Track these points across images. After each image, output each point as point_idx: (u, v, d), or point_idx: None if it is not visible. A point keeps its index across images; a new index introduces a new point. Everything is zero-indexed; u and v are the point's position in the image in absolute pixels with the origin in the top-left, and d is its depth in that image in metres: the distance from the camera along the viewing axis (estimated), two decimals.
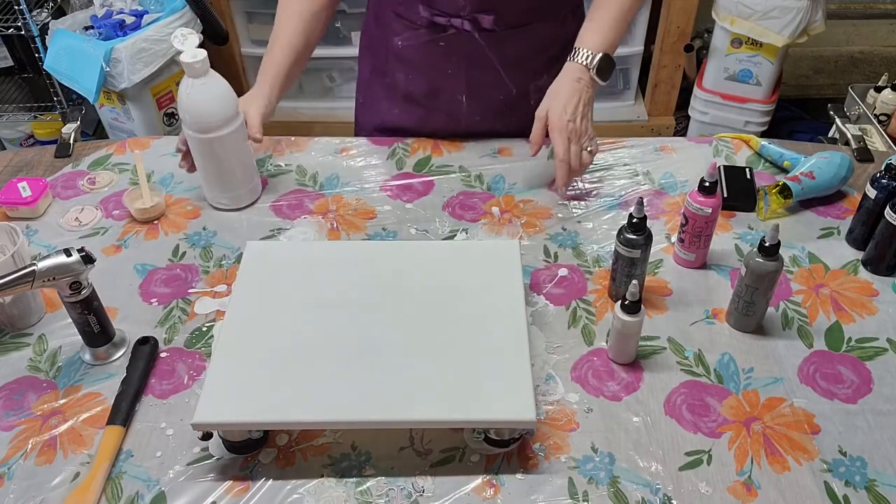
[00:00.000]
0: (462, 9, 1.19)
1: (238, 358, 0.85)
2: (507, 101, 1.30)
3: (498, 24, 1.20)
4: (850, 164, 1.19)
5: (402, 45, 1.27)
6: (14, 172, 1.29)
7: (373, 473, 0.82)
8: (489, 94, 1.29)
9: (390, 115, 1.36)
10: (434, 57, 1.26)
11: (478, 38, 1.21)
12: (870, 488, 0.81)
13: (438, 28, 1.22)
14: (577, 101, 1.13)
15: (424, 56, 1.26)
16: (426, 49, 1.25)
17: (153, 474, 0.82)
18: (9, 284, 0.84)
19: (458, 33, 1.21)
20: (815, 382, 0.92)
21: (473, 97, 1.29)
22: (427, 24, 1.22)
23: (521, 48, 1.24)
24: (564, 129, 1.12)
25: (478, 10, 1.19)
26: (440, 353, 0.85)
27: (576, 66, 1.14)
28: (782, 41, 2.38)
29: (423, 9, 1.20)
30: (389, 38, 1.29)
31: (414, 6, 1.21)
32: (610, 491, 0.80)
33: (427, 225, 1.16)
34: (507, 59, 1.25)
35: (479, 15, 1.19)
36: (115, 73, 2.23)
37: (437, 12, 1.20)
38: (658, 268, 1.08)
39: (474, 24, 1.20)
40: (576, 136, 1.13)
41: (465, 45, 1.22)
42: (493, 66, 1.25)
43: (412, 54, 1.27)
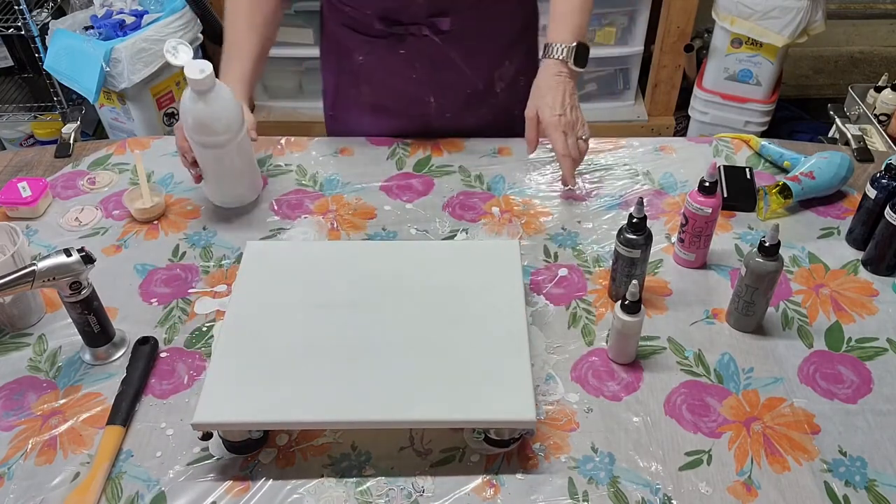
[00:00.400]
0: (417, 16, 1.19)
1: (238, 358, 0.85)
2: (474, 94, 1.31)
3: (455, 23, 1.21)
4: (850, 164, 1.19)
5: (363, 60, 1.27)
6: (14, 172, 1.29)
7: (373, 473, 0.82)
8: (456, 91, 1.30)
9: (360, 125, 1.36)
10: (396, 65, 1.26)
11: (437, 41, 1.22)
12: (870, 488, 0.81)
13: (397, 37, 1.22)
14: (562, 94, 1.14)
15: (387, 66, 1.26)
16: (387, 59, 1.25)
17: (153, 474, 0.82)
18: (9, 284, 0.84)
19: (417, 38, 1.21)
20: (815, 382, 0.92)
21: (441, 97, 1.30)
22: (384, 35, 1.22)
23: (480, 42, 1.25)
24: (558, 124, 1.13)
25: (434, 15, 1.19)
26: (440, 353, 0.85)
27: (552, 61, 1.16)
28: (782, 41, 2.38)
29: (378, 22, 1.20)
30: (347, 52, 1.28)
31: (368, 20, 1.21)
32: (610, 491, 0.80)
33: (427, 225, 1.16)
34: (468, 54, 1.25)
35: (436, 19, 1.20)
36: (115, 73, 2.23)
37: (393, 23, 1.20)
38: (658, 268, 1.08)
39: (432, 28, 1.20)
40: (570, 128, 1.14)
41: (425, 49, 1.23)
42: (456, 63, 1.26)
43: (374, 66, 1.27)
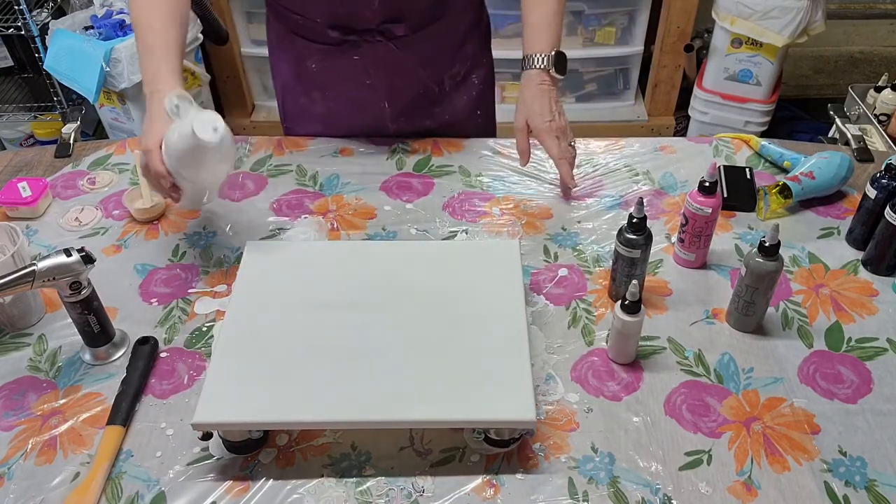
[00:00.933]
0: (370, 22, 1.19)
1: (238, 358, 0.85)
2: (427, 97, 1.31)
3: (409, 28, 1.21)
4: (850, 164, 1.19)
5: (315, 68, 1.26)
6: (14, 172, 1.29)
7: (373, 473, 0.82)
8: (410, 94, 1.30)
9: (315, 130, 1.35)
10: (350, 71, 1.25)
11: (392, 46, 1.22)
12: (870, 488, 0.80)
13: (350, 44, 1.21)
14: (548, 101, 1.16)
15: (340, 73, 1.26)
16: (341, 66, 1.24)
17: (153, 474, 0.82)
18: (9, 284, 0.84)
19: (371, 45, 1.21)
20: (815, 382, 0.92)
21: (395, 101, 1.30)
22: (337, 42, 1.22)
23: (434, 45, 1.25)
24: (550, 129, 1.15)
25: (387, 21, 1.19)
26: (440, 353, 0.85)
27: (534, 71, 1.17)
28: (782, 41, 2.38)
29: (331, 31, 1.20)
30: (299, 60, 1.27)
31: (319, 29, 1.20)
32: (610, 491, 0.80)
33: (427, 225, 1.16)
34: (423, 58, 1.26)
35: (390, 25, 1.19)
36: (115, 73, 2.23)
37: (346, 31, 1.20)
38: (658, 268, 1.08)
39: (386, 35, 1.20)
40: (562, 133, 1.17)
41: (380, 55, 1.23)
42: (411, 68, 1.26)
43: (327, 73, 1.26)
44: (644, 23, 2.62)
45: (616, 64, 2.78)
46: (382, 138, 1.34)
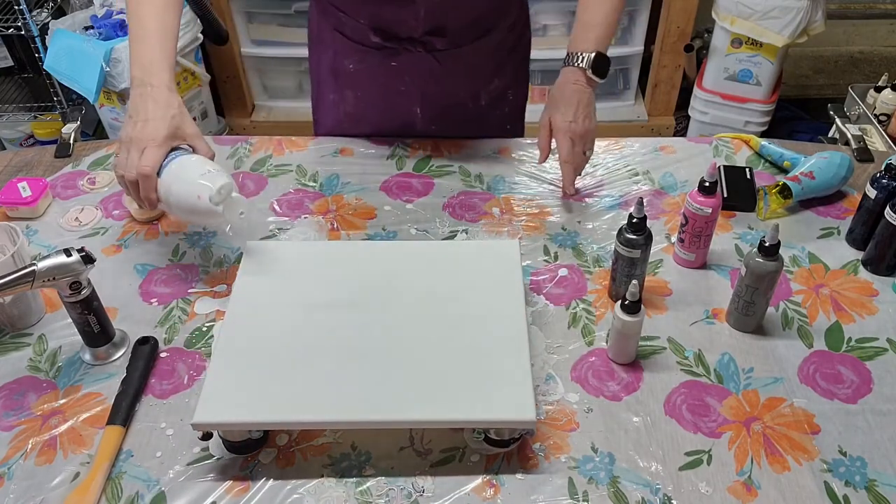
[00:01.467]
0: (413, 31, 1.18)
1: (238, 358, 0.85)
2: (461, 108, 1.30)
3: (450, 43, 1.20)
4: (850, 164, 1.19)
5: (353, 69, 1.25)
6: (14, 172, 1.29)
7: (373, 473, 0.82)
8: (443, 103, 1.29)
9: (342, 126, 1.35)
10: (386, 77, 1.25)
11: (432, 57, 1.22)
12: (870, 488, 0.80)
13: (390, 50, 1.21)
14: (576, 103, 1.14)
15: (376, 77, 1.25)
16: (378, 70, 1.24)
17: (153, 474, 0.82)
18: (9, 284, 0.84)
19: (411, 53, 1.21)
20: (815, 382, 0.92)
21: (428, 108, 1.30)
22: (378, 47, 1.21)
23: (473, 60, 1.25)
24: (567, 130, 1.13)
25: (430, 32, 1.19)
26: (440, 353, 0.85)
27: (571, 69, 1.15)
28: (782, 41, 2.38)
29: (373, 35, 1.19)
30: (337, 57, 1.26)
31: (363, 31, 1.20)
32: (610, 491, 0.80)
33: (427, 225, 1.16)
34: (461, 71, 1.25)
35: (431, 37, 1.19)
36: (115, 73, 2.23)
37: (388, 36, 1.19)
38: (658, 268, 1.08)
39: (427, 46, 1.20)
40: (578, 137, 1.14)
41: (418, 64, 1.22)
42: (447, 80, 1.25)
43: (363, 75, 1.26)
44: (644, 23, 2.62)
45: (616, 64, 2.77)
46: (387, 138, 1.33)
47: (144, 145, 0.93)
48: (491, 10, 1.22)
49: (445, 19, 1.18)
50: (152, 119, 0.94)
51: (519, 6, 1.27)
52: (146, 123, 0.94)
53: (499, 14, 1.23)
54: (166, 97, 0.96)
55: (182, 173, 0.92)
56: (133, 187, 0.94)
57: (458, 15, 1.18)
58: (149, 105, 0.95)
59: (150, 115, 0.94)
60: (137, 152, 0.93)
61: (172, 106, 0.96)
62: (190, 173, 0.92)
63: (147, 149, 0.93)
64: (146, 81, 0.96)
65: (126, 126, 0.96)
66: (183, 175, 0.92)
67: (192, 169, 0.92)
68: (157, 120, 0.94)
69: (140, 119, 0.94)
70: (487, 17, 1.22)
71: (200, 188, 0.90)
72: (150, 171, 0.92)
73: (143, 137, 0.93)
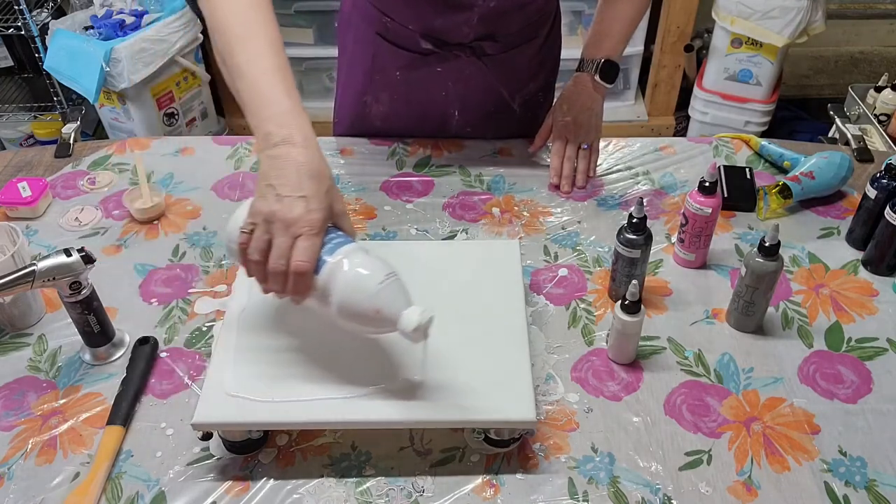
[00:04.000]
0: (465, 37, 1.18)
1: (238, 358, 0.84)
2: (498, 111, 1.31)
3: (500, 47, 1.21)
4: (850, 164, 1.19)
5: (399, 75, 1.23)
6: (14, 172, 1.29)
7: (373, 473, 0.82)
8: (481, 107, 1.30)
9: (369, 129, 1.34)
10: (429, 82, 1.25)
11: (479, 63, 1.21)
12: (870, 488, 0.80)
13: (438, 56, 1.20)
14: (577, 104, 1.23)
15: (417, 81, 1.24)
16: (421, 75, 1.23)
17: (153, 474, 0.82)
18: (9, 284, 0.84)
19: (459, 58, 1.20)
20: (815, 382, 0.92)
21: (465, 111, 1.30)
22: (426, 53, 1.20)
23: (516, 64, 1.25)
24: (563, 127, 1.24)
25: (481, 38, 1.19)
26: (440, 352, 0.85)
27: (580, 74, 1.24)
28: (782, 41, 2.38)
29: (423, 41, 1.18)
30: (374, 60, 1.24)
31: (411, 37, 1.19)
32: (610, 491, 0.80)
33: (427, 225, 1.16)
34: (505, 76, 1.26)
35: (482, 42, 1.19)
36: (115, 73, 2.23)
37: (440, 43, 1.19)
38: (658, 268, 1.08)
39: (476, 51, 1.20)
40: (572, 134, 1.23)
41: (464, 70, 1.22)
42: (492, 84, 1.26)
43: (405, 80, 1.25)
44: (644, 23, 2.62)
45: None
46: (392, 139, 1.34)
47: (298, 231, 0.74)
48: (537, 16, 1.22)
49: (497, 26, 1.18)
50: (306, 196, 0.76)
51: (556, 12, 1.29)
52: (297, 201, 0.75)
53: (543, 19, 1.24)
54: (318, 163, 0.78)
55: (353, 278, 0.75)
56: (277, 279, 0.76)
57: (509, 22, 1.18)
58: (299, 174, 0.76)
59: (303, 189, 0.76)
60: (287, 237, 0.74)
61: (326, 176, 0.79)
62: (365, 281, 0.75)
63: (302, 237, 0.74)
64: (287, 138, 0.78)
65: (265, 197, 0.76)
66: (354, 280, 0.75)
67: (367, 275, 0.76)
68: (312, 198, 0.76)
69: (287, 193, 0.75)
70: (534, 24, 1.23)
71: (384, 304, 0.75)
72: (310, 267, 0.75)
73: (296, 220, 0.74)
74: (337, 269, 0.75)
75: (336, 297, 0.75)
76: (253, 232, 0.76)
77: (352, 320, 0.76)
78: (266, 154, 0.78)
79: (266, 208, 0.75)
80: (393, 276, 0.76)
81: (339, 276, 0.75)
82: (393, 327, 0.75)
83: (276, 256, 0.75)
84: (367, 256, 0.78)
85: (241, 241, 0.77)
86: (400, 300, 0.75)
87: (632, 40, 1.28)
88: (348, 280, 0.75)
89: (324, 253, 0.76)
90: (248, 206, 0.78)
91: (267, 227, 0.75)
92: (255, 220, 0.76)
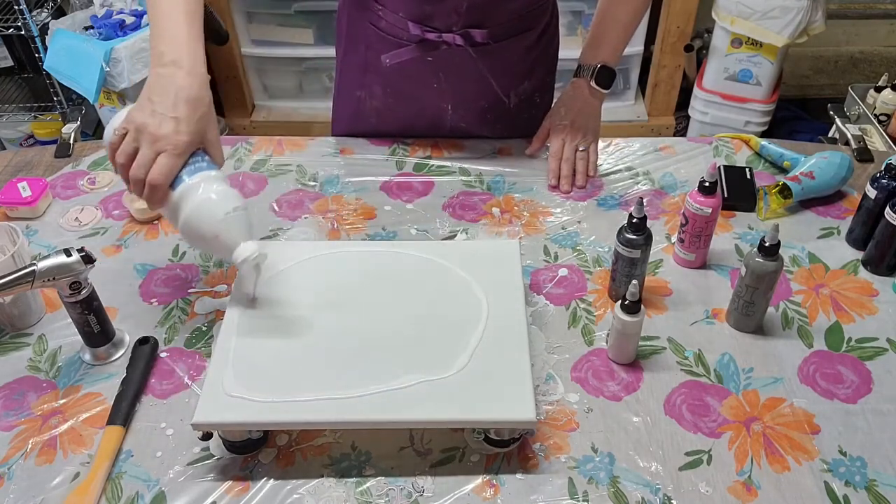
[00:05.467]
0: (455, 24, 1.18)
1: (238, 358, 0.85)
2: (491, 106, 1.31)
3: (489, 37, 1.20)
4: (850, 164, 1.19)
5: (387, 63, 1.23)
6: (14, 172, 1.29)
7: (373, 473, 0.82)
8: (475, 101, 1.29)
9: (365, 125, 1.34)
10: (420, 73, 1.24)
11: (470, 52, 1.21)
12: (870, 488, 0.80)
13: (428, 44, 1.20)
14: (575, 107, 1.26)
15: (409, 71, 1.24)
16: (413, 65, 1.23)
17: (153, 474, 0.82)
18: (9, 284, 0.84)
19: (449, 47, 1.20)
20: (815, 382, 0.92)
21: (459, 106, 1.30)
22: (416, 41, 1.20)
23: (508, 58, 1.25)
24: (560, 129, 1.26)
25: (470, 25, 1.18)
26: (440, 352, 0.85)
27: (576, 79, 1.27)
28: (782, 41, 2.38)
29: (413, 26, 1.19)
30: (367, 51, 1.25)
31: (401, 24, 1.19)
32: (610, 491, 0.80)
33: (427, 225, 1.16)
34: (497, 68, 1.25)
35: (472, 30, 1.19)
36: (115, 73, 2.23)
37: (428, 29, 1.19)
38: (658, 268, 1.08)
39: (466, 39, 1.20)
40: (569, 136, 1.25)
41: (454, 59, 1.22)
42: (483, 76, 1.25)
43: (397, 70, 1.25)
44: (644, 23, 2.62)
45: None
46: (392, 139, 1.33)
47: (162, 147, 0.81)
48: (528, 10, 1.22)
49: (486, 14, 1.18)
50: (178, 117, 0.82)
51: (552, 11, 1.29)
52: (168, 120, 0.82)
53: (536, 14, 1.24)
54: (197, 89, 0.84)
55: (202, 201, 0.82)
56: (136, 186, 0.84)
57: (498, 11, 1.18)
58: (177, 95, 0.83)
59: (177, 110, 0.82)
60: (151, 151, 0.82)
61: (203, 103, 0.85)
62: (212, 207, 0.82)
63: (164, 154, 0.82)
64: (176, 61, 0.84)
65: (142, 108, 0.83)
66: (203, 203, 0.82)
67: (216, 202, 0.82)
68: (183, 120, 0.82)
69: (161, 110, 0.82)
70: (526, 16, 1.22)
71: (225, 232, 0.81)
72: (164, 183, 0.82)
73: (162, 137, 0.81)
74: (191, 190, 0.83)
75: (184, 215, 0.83)
76: (125, 137, 0.83)
77: (193, 239, 0.85)
78: (155, 71, 0.86)
79: (140, 119, 0.83)
80: (241, 210, 0.84)
81: (192, 196, 0.82)
82: (229, 255, 0.83)
83: (138, 165, 0.82)
84: (222, 184, 0.85)
85: (112, 142, 0.85)
86: (241, 233, 0.83)
87: (632, 40, 1.29)
88: (199, 202, 0.82)
89: (184, 172, 0.84)
90: (128, 110, 0.85)
91: (136, 136, 0.82)
92: (127, 127, 0.83)
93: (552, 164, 1.25)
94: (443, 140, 1.33)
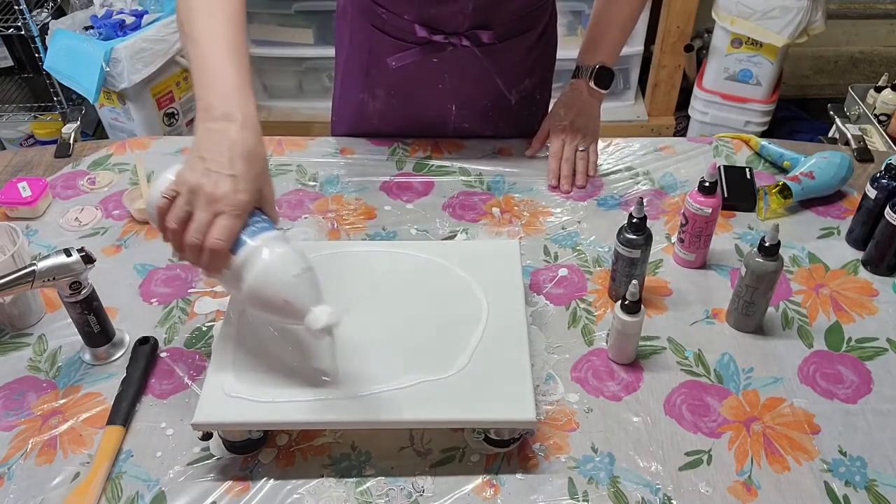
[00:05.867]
0: (461, 25, 1.18)
1: (238, 357, 0.84)
2: (494, 105, 1.31)
3: (495, 37, 1.20)
4: (850, 164, 1.19)
5: (393, 67, 1.23)
6: (14, 172, 1.29)
7: (373, 473, 0.82)
8: (479, 101, 1.30)
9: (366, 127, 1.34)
10: (425, 74, 1.24)
11: (476, 53, 1.21)
12: (870, 488, 0.80)
13: (435, 46, 1.20)
14: (576, 109, 1.27)
15: (415, 74, 1.24)
16: (419, 67, 1.23)
17: (153, 474, 0.82)
18: (9, 284, 0.84)
19: (455, 49, 1.20)
20: (815, 382, 0.92)
21: (463, 106, 1.30)
22: (422, 43, 1.20)
23: (511, 57, 1.25)
24: (559, 129, 1.27)
25: (476, 27, 1.18)
26: (440, 352, 0.85)
27: (575, 80, 1.28)
28: (782, 41, 2.38)
29: (419, 28, 1.18)
30: (374, 56, 1.24)
31: (408, 26, 1.19)
32: (610, 491, 0.80)
33: (427, 225, 1.16)
34: (502, 68, 1.25)
35: (478, 31, 1.19)
36: (115, 73, 2.23)
37: (435, 31, 1.18)
38: (658, 268, 1.08)
39: (473, 40, 1.20)
40: (569, 136, 1.25)
41: (460, 60, 1.22)
42: (488, 75, 1.25)
43: (401, 73, 1.24)
44: (644, 23, 2.62)
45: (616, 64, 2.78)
46: (392, 138, 1.33)
47: (220, 209, 0.74)
48: (532, 8, 1.22)
49: (492, 14, 1.18)
50: (235, 175, 0.75)
51: (551, 11, 1.29)
52: (225, 179, 0.74)
53: (537, 14, 1.24)
54: (253, 144, 0.77)
55: (268, 264, 0.74)
56: (192, 252, 0.75)
57: (503, 11, 1.18)
58: (232, 151, 0.76)
59: (234, 167, 0.75)
60: (208, 213, 0.74)
61: (259, 158, 0.78)
62: (279, 270, 0.75)
63: (223, 216, 0.74)
64: (227, 114, 0.77)
65: (193, 168, 0.75)
66: (269, 266, 0.74)
67: (282, 264, 0.75)
68: (241, 178, 0.75)
69: (216, 168, 0.75)
70: (527, 16, 1.23)
71: (294, 297, 0.74)
72: (226, 247, 0.74)
73: (220, 198, 0.74)
74: (254, 254, 0.75)
75: (248, 281, 0.74)
76: (175, 199, 0.75)
77: (260, 307, 0.76)
78: (204, 126, 0.78)
79: (193, 180, 0.74)
80: (309, 271, 0.76)
81: (256, 260, 0.74)
82: (300, 321, 0.74)
83: (195, 230, 0.74)
84: (287, 246, 0.77)
85: (160, 207, 0.76)
86: (311, 295, 0.75)
87: (632, 40, 1.29)
88: (264, 266, 0.74)
89: (244, 234, 0.76)
90: (174, 171, 0.77)
91: (190, 199, 0.75)
92: (178, 189, 0.75)
93: (552, 164, 1.25)
94: (443, 140, 1.33)
